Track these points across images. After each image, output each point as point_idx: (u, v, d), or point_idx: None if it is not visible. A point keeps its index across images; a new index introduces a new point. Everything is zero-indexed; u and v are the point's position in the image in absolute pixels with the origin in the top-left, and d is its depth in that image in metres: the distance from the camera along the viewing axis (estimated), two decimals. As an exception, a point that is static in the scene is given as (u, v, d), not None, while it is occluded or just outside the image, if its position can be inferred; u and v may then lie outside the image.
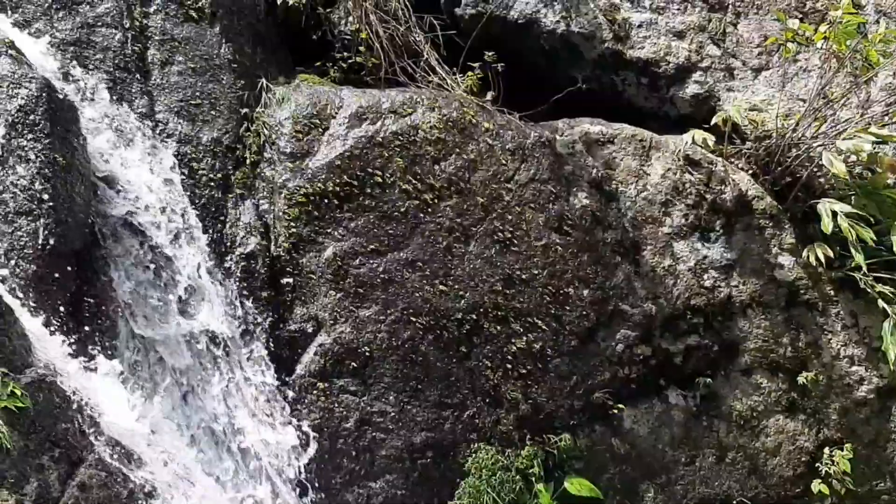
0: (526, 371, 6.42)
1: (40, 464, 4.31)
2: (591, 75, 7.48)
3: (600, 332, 6.66)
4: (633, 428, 6.71)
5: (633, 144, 7.03)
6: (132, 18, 6.13)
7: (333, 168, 6.28)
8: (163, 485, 4.61)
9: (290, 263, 6.18)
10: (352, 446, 6.08)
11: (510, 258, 6.49)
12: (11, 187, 5.01)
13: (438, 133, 6.52)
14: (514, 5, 7.42)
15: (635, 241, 6.86)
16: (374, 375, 6.18)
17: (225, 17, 6.50)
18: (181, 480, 4.74)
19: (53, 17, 5.88)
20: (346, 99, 6.51)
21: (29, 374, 4.47)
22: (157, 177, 5.71)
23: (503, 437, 6.34)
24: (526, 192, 6.62)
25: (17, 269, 4.91)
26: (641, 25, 7.46)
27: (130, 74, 6.00)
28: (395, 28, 7.13)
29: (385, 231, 6.31)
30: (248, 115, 6.38)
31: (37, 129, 5.12)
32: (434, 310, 6.30)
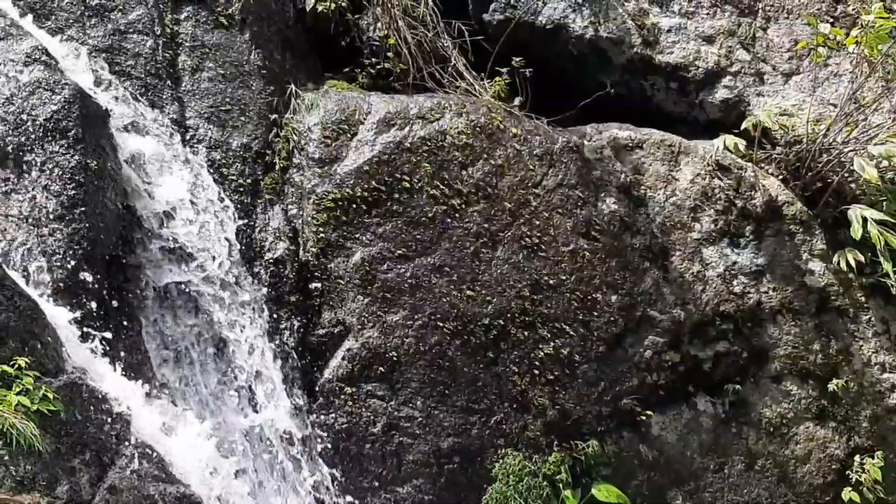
0: (553, 377, 6.40)
1: (71, 466, 4.35)
2: (619, 80, 7.47)
3: (628, 338, 6.63)
4: (662, 434, 6.67)
5: (662, 149, 7.00)
6: (163, 25, 6.19)
7: (362, 173, 6.30)
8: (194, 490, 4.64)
9: (318, 268, 6.20)
10: (379, 451, 6.09)
11: (538, 263, 6.48)
12: (44, 192, 5.08)
13: (466, 138, 6.53)
14: (543, 11, 7.42)
15: (664, 246, 6.83)
16: (402, 380, 6.18)
17: (255, 24, 6.55)
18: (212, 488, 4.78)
19: (86, 24, 5.95)
20: (374, 105, 6.53)
21: (61, 378, 4.53)
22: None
23: (530, 443, 6.32)
24: (554, 197, 6.61)
25: (50, 273, 4.97)
26: (670, 30, 7.43)
27: (161, 81, 6.06)
28: (423, 34, 7.15)
29: (413, 236, 6.32)
30: (277, 121, 6.42)
31: (69, 134, 5.18)
32: (461, 315, 6.30)
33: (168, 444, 4.82)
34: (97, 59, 5.86)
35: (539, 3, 7.41)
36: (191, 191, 5.73)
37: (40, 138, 5.14)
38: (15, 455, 4.11)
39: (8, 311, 4.43)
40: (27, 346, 4.46)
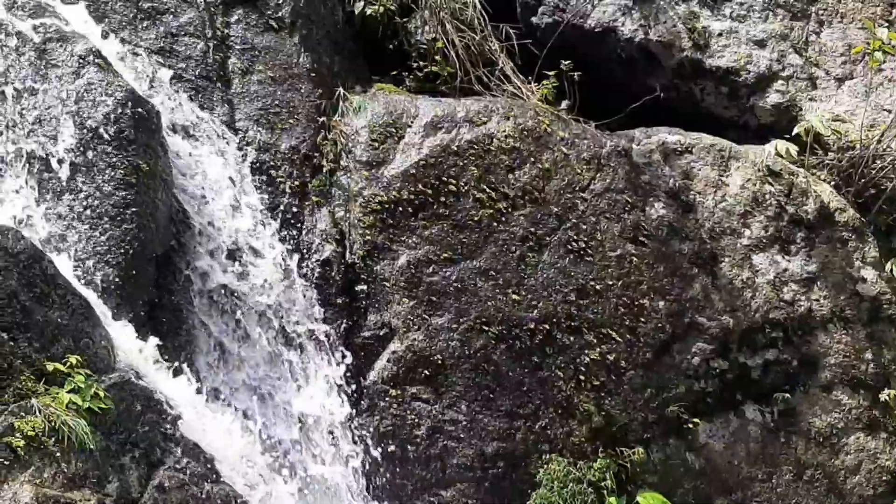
0: (599, 383, 6.35)
1: (121, 464, 4.40)
2: (668, 84, 7.42)
3: (676, 345, 6.56)
4: (709, 443, 6.60)
5: (712, 154, 6.94)
6: (214, 28, 6.25)
7: (408, 176, 6.32)
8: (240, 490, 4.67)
9: (364, 270, 6.22)
10: (423, 454, 6.08)
11: (584, 268, 6.44)
12: (97, 192, 5.15)
13: (513, 142, 6.52)
14: (592, 14, 7.39)
15: (713, 252, 6.76)
16: (446, 384, 6.17)
17: (304, 27, 6.59)
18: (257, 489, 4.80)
19: (138, 26, 6.03)
20: (421, 108, 6.55)
21: (111, 377, 4.57)
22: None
23: (575, 449, 6.28)
24: (601, 201, 6.57)
25: (101, 272, 5.03)
26: (721, 34, 7.37)
27: (212, 83, 6.13)
28: (471, 37, 7.15)
29: (458, 239, 6.32)
30: (325, 124, 6.46)
31: (122, 136, 5.25)
32: (506, 319, 6.28)
33: (215, 443, 4.85)
34: (149, 62, 5.92)
35: (588, 6, 7.38)
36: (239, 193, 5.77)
37: (93, 139, 5.20)
38: (66, 452, 4.16)
39: (61, 310, 4.48)
40: (79, 345, 4.51)
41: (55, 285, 4.51)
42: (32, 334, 4.34)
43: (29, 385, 4.22)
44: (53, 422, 4.13)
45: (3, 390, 4.14)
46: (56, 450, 4.14)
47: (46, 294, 4.44)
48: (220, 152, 5.90)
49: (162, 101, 5.81)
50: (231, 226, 5.68)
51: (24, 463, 4.04)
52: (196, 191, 5.68)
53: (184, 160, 5.73)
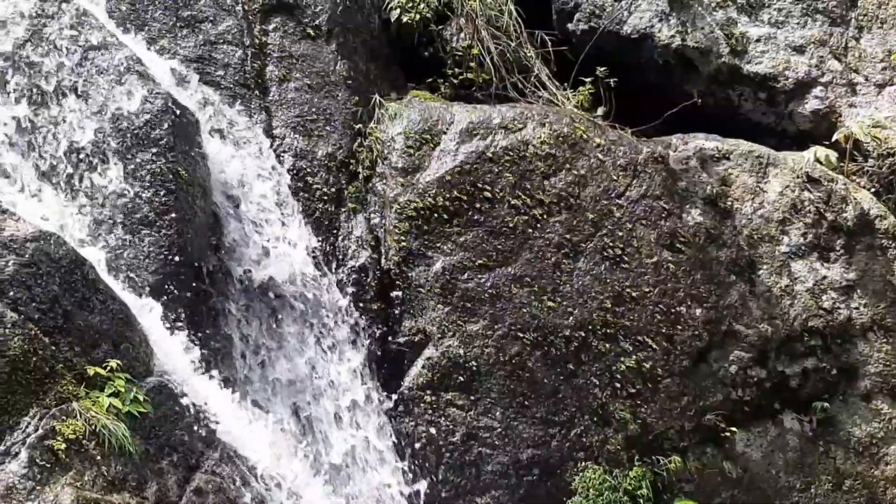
0: (635, 390, 6.32)
1: (160, 468, 4.44)
2: (705, 90, 7.38)
3: (713, 353, 6.51)
4: (746, 452, 6.53)
5: (750, 161, 6.89)
6: (252, 36, 6.31)
7: (443, 183, 6.33)
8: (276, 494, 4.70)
9: (399, 277, 6.24)
10: (458, 460, 6.08)
11: (620, 275, 6.41)
12: (136, 199, 5.21)
13: (549, 148, 6.51)
14: (628, 20, 7.37)
15: (751, 259, 6.70)
16: (481, 390, 6.17)
17: (341, 35, 6.64)
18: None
19: (178, 35, 6.10)
20: (456, 115, 6.56)
21: (150, 381, 4.63)
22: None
23: (611, 457, 6.24)
24: (637, 208, 6.54)
25: (141, 277, 5.09)
26: (759, 40, 7.32)
27: (250, 90, 6.18)
28: (506, 44, 7.17)
29: (493, 246, 6.32)
30: (361, 131, 6.49)
31: (161, 143, 5.31)
32: (542, 326, 6.26)
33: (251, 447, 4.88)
34: (188, 69, 5.98)
35: (624, 12, 7.36)
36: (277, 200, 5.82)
37: (133, 146, 5.27)
38: (107, 455, 4.21)
39: (101, 314, 4.54)
40: (119, 349, 4.57)
41: (96, 290, 4.57)
42: (74, 339, 4.40)
43: (70, 389, 4.28)
44: (94, 425, 4.19)
45: (45, 394, 4.20)
46: (96, 453, 4.19)
47: (87, 299, 4.51)
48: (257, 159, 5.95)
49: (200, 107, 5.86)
50: (268, 231, 5.72)
51: (64, 466, 4.10)
52: (234, 196, 5.73)
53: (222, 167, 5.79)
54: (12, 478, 3.96)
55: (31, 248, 4.37)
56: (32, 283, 4.32)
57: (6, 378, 4.10)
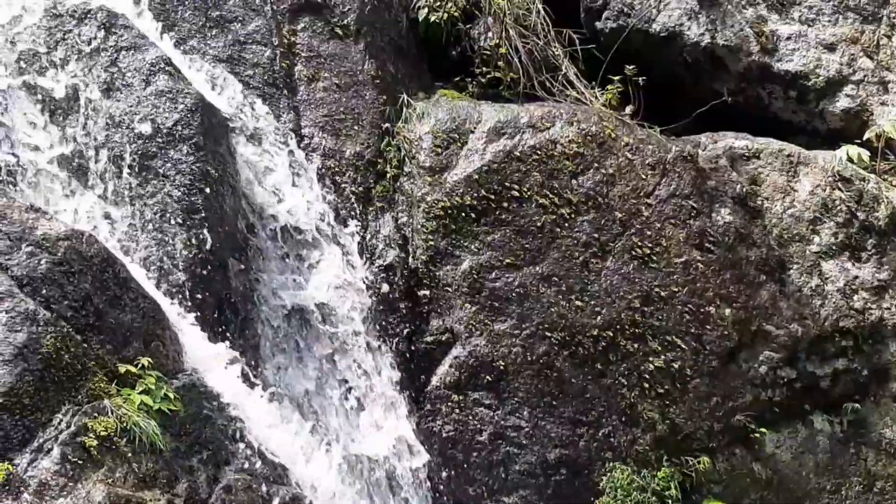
0: (664, 390, 6.29)
1: (189, 465, 4.46)
2: (735, 88, 7.33)
3: (742, 353, 6.48)
4: (776, 453, 6.49)
5: (780, 159, 6.84)
6: (281, 36, 6.33)
7: (471, 182, 6.32)
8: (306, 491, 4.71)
9: (427, 276, 6.24)
10: (485, 460, 6.08)
11: (649, 275, 6.38)
12: (167, 198, 5.24)
13: (577, 147, 6.49)
14: (657, 18, 7.33)
15: (781, 259, 6.65)
16: (509, 390, 6.16)
17: (369, 34, 6.64)
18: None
19: (207, 35, 6.13)
20: (484, 113, 6.55)
21: (180, 378, 4.65)
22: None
23: (639, 457, 6.22)
24: (666, 207, 6.51)
25: (171, 276, 5.12)
26: (790, 38, 7.27)
27: (279, 90, 6.20)
28: (534, 42, 7.15)
29: (521, 245, 6.31)
30: (388, 130, 6.50)
31: (191, 142, 5.34)
32: (569, 325, 6.24)
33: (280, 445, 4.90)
34: (218, 69, 6.01)
35: (653, 10, 7.32)
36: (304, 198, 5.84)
37: (164, 146, 5.31)
38: (137, 453, 4.24)
39: (132, 312, 4.57)
40: (149, 347, 4.59)
41: (127, 288, 4.61)
42: (105, 336, 4.43)
43: (102, 386, 4.31)
44: (125, 422, 4.22)
45: (77, 391, 4.23)
46: (128, 450, 4.22)
47: (119, 297, 4.54)
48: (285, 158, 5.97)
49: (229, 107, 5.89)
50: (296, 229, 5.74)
51: (96, 462, 4.13)
52: (263, 195, 5.76)
53: (250, 165, 5.81)
54: (45, 474, 4.00)
55: (63, 247, 4.40)
56: (65, 281, 4.36)
57: (39, 375, 4.13)
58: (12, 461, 4.00)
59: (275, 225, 5.75)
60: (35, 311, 4.21)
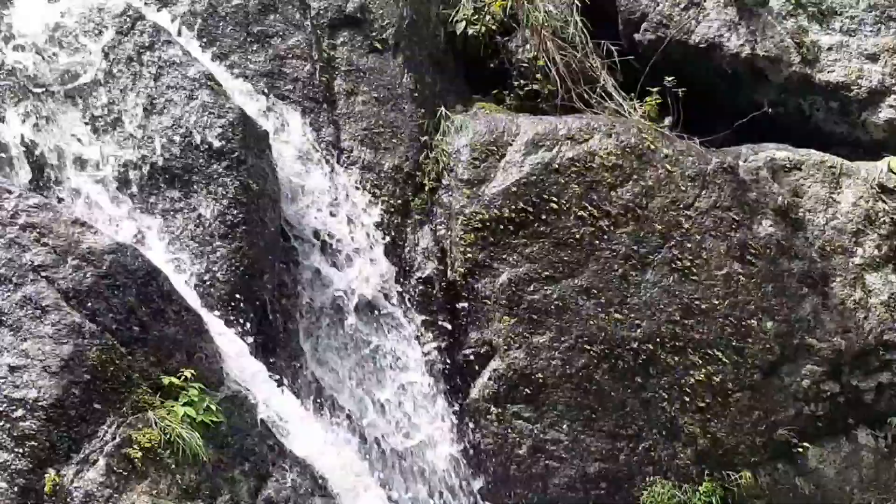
0: (705, 404, 6.23)
1: (231, 476, 4.50)
2: (776, 99, 7.27)
3: (784, 367, 6.41)
4: (819, 468, 6.41)
5: (822, 171, 6.78)
6: (320, 50, 6.38)
7: (509, 194, 6.32)
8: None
9: (465, 288, 6.25)
10: (525, 473, 6.06)
11: (689, 287, 6.34)
12: (208, 211, 5.29)
13: (615, 159, 6.47)
14: (696, 29, 7.29)
15: (824, 271, 6.58)
16: (548, 403, 6.14)
17: (407, 48, 6.68)
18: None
19: (248, 50, 6.19)
20: (522, 126, 6.55)
21: (223, 390, 4.70)
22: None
23: (680, 472, 6.17)
24: (706, 219, 6.47)
25: (213, 288, 5.17)
26: (831, 48, 7.20)
27: (318, 104, 6.25)
28: (572, 54, 7.13)
29: (560, 257, 6.29)
30: (427, 143, 6.52)
31: (233, 156, 5.39)
32: (609, 338, 6.22)
33: (322, 457, 4.92)
34: (259, 84, 6.07)
35: (693, 21, 7.29)
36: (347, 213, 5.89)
37: (206, 160, 5.36)
38: (181, 464, 4.28)
39: (175, 325, 4.62)
40: (192, 359, 4.64)
41: (170, 301, 4.66)
42: (149, 348, 4.49)
43: (146, 398, 4.37)
44: (169, 434, 4.26)
45: (122, 403, 4.29)
46: (171, 462, 4.27)
47: (162, 310, 4.59)
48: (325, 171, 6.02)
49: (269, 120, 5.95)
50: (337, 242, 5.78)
51: (140, 474, 4.18)
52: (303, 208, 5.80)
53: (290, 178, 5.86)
54: (91, 485, 4.05)
55: (108, 260, 4.46)
56: (110, 294, 4.42)
57: (85, 387, 4.20)
58: (59, 472, 4.07)
59: (315, 237, 5.79)
60: (81, 323, 4.28)
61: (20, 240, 4.36)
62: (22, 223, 4.40)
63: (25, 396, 4.10)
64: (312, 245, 5.77)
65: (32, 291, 4.28)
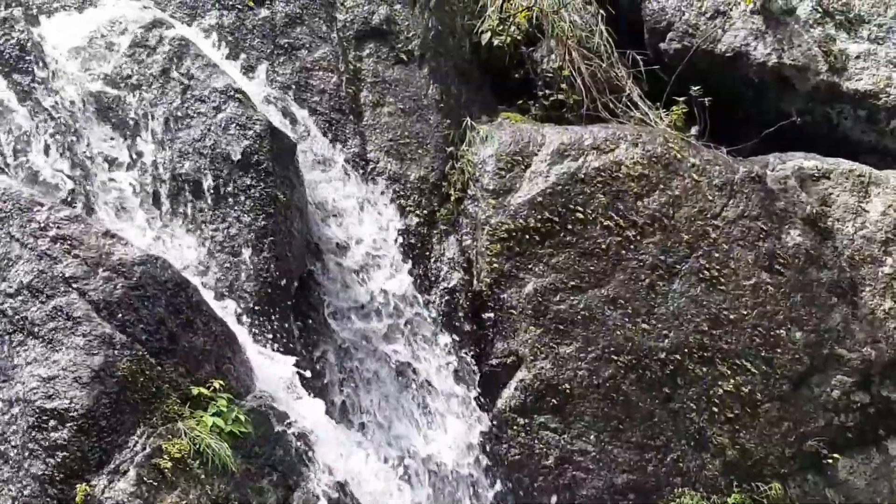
0: (734, 415, 6.19)
1: (260, 487, 4.50)
2: (803, 108, 7.24)
3: (814, 377, 6.36)
4: (849, 479, 6.35)
5: (851, 180, 6.74)
6: (347, 62, 6.41)
7: (535, 204, 6.32)
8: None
9: (491, 298, 6.24)
10: (552, 484, 6.03)
11: (717, 297, 6.30)
12: (236, 222, 5.33)
13: (642, 169, 6.45)
14: (723, 38, 7.28)
15: (853, 281, 6.53)
16: (575, 413, 6.12)
17: (433, 59, 6.69)
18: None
19: (275, 62, 6.23)
20: (547, 136, 6.55)
21: (250, 401, 4.70)
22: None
23: (708, 483, 6.13)
24: (734, 228, 6.44)
25: (241, 299, 5.19)
26: (859, 56, 7.17)
27: (344, 116, 6.27)
28: (598, 64, 7.14)
29: (586, 267, 6.28)
30: (452, 153, 6.53)
31: (260, 168, 5.42)
32: (636, 348, 6.19)
33: (349, 468, 4.93)
34: (285, 95, 6.11)
35: (719, 31, 7.28)
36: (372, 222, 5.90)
37: (234, 171, 5.40)
38: (210, 474, 4.29)
39: (204, 336, 4.64)
40: (221, 369, 4.65)
41: (199, 312, 4.67)
42: (178, 359, 4.50)
43: (175, 408, 4.38)
44: (198, 444, 4.27)
45: (152, 413, 4.31)
46: (200, 472, 4.27)
47: (191, 320, 4.61)
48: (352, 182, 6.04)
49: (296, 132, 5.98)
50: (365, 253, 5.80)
51: (171, 484, 4.19)
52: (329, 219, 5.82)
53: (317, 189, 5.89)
54: (122, 495, 4.07)
55: (138, 272, 4.49)
56: (140, 305, 4.45)
57: (115, 398, 4.22)
58: (90, 482, 4.09)
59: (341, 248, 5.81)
60: (111, 334, 4.30)
61: (51, 252, 4.40)
62: (53, 235, 4.43)
63: (57, 407, 4.13)
64: (340, 254, 5.79)
65: (64, 303, 4.31)
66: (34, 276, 4.33)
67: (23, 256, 4.36)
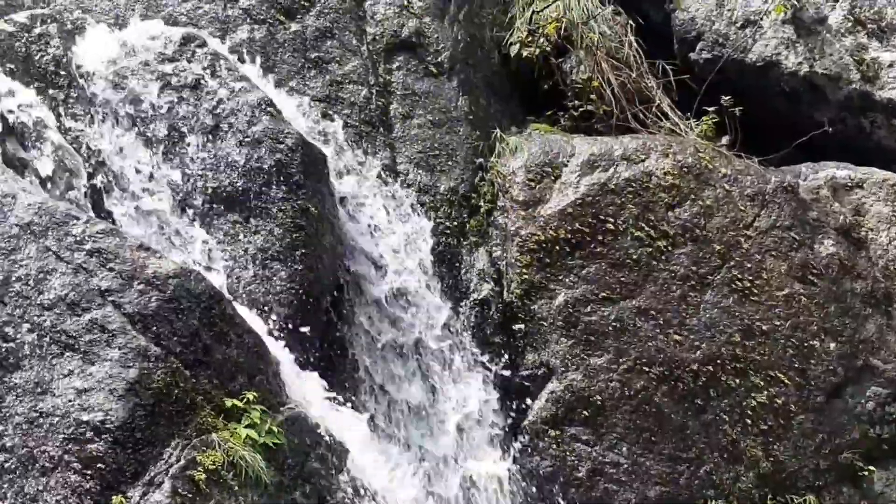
0: (767, 427, 6.14)
1: (292, 498, 4.53)
2: (835, 117, 7.20)
3: (849, 388, 6.30)
4: (885, 492, 6.28)
5: (885, 189, 6.68)
6: (377, 75, 6.45)
7: (565, 215, 6.31)
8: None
9: (521, 310, 6.23)
10: (583, 496, 6.00)
11: (749, 308, 6.26)
12: (269, 235, 5.37)
13: (672, 179, 6.43)
14: (753, 48, 7.25)
15: (888, 291, 6.47)
16: (606, 425, 6.09)
17: (462, 71, 6.71)
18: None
19: (306, 76, 6.27)
20: (577, 147, 6.54)
21: (283, 413, 4.72)
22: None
23: (742, 496, 6.08)
24: (766, 239, 6.40)
25: (273, 312, 5.22)
26: (892, 65, 7.12)
27: (374, 128, 6.30)
28: (627, 75, 7.12)
29: (617, 278, 6.26)
30: (482, 165, 6.54)
31: (292, 181, 5.46)
32: (668, 360, 6.16)
33: (381, 480, 4.94)
34: (316, 109, 6.15)
35: (749, 40, 7.25)
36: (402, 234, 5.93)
37: (266, 184, 5.44)
38: (243, 486, 4.32)
39: (238, 348, 4.67)
40: (254, 381, 4.68)
41: (233, 324, 4.71)
42: (212, 371, 4.54)
43: (209, 420, 4.41)
44: (232, 456, 4.30)
45: (186, 425, 4.34)
46: (234, 483, 4.30)
47: (225, 333, 4.64)
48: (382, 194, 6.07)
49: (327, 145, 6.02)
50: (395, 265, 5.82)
51: (205, 496, 4.22)
52: (360, 231, 5.85)
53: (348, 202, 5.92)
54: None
55: (172, 285, 4.53)
56: (174, 318, 4.48)
57: (150, 410, 4.26)
58: (125, 494, 4.13)
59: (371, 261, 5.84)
60: (146, 347, 4.34)
61: (87, 265, 4.45)
62: (89, 248, 4.48)
63: (93, 419, 4.18)
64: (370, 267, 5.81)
65: (99, 316, 4.36)
66: (70, 289, 4.39)
67: (59, 269, 4.41)
